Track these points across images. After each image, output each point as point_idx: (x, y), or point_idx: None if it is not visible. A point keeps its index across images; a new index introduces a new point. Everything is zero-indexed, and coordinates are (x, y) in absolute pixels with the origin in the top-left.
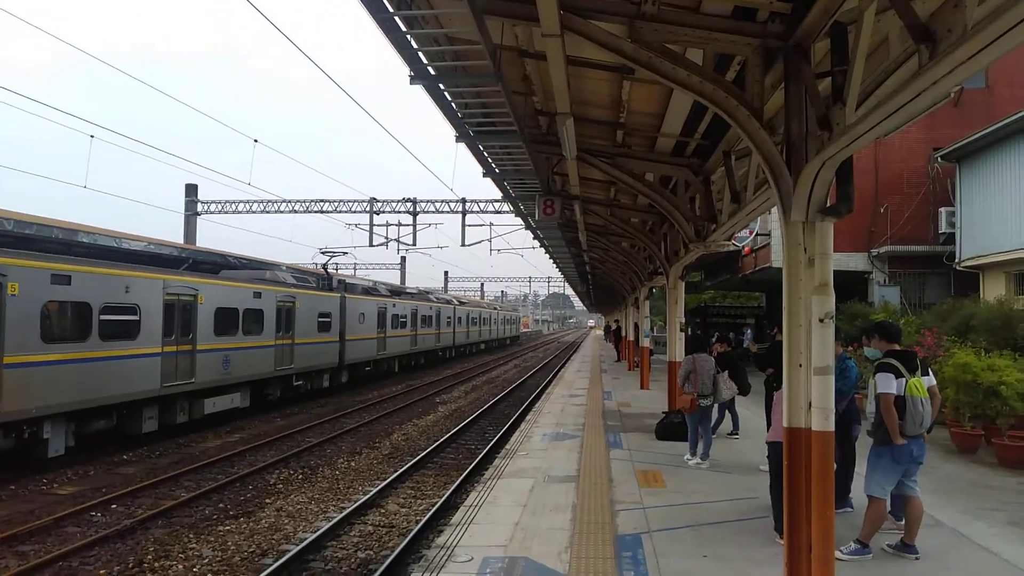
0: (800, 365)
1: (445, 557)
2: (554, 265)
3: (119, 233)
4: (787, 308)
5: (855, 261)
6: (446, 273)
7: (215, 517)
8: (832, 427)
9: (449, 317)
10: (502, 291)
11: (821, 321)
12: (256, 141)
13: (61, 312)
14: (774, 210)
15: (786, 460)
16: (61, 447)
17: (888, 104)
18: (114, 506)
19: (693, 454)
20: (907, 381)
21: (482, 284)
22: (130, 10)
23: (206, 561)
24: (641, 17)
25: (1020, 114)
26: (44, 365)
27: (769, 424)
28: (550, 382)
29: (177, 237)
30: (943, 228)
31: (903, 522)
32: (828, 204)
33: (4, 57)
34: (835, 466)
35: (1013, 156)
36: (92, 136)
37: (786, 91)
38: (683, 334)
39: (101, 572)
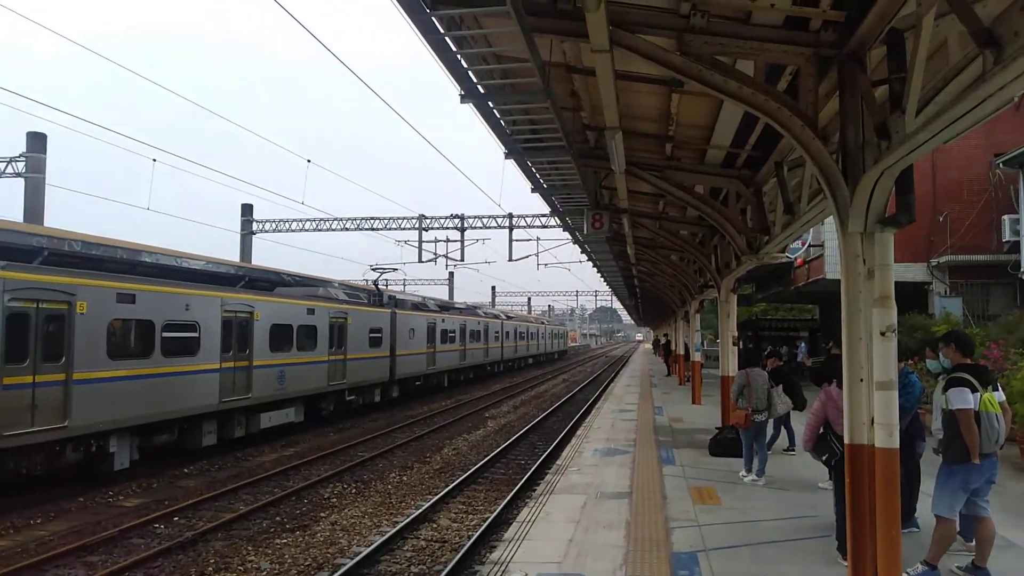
0: (861, 380)
1: (499, 573)
2: (601, 279)
3: (179, 252)
4: (846, 321)
5: (913, 272)
6: (493, 288)
7: (272, 530)
8: (896, 444)
9: (497, 332)
10: (549, 305)
11: (883, 334)
12: (309, 161)
13: (126, 329)
14: (827, 221)
15: (848, 478)
16: (126, 460)
17: (950, 111)
18: (176, 518)
19: (748, 471)
20: (981, 396)
21: (529, 298)
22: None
23: (264, 573)
24: (690, 30)
25: None
26: (110, 381)
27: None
28: (599, 397)
29: (234, 255)
30: (1007, 236)
31: (973, 543)
32: (887, 214)
33: (80, 92)
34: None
35: None
36: (155, 160)
37: (841, 100)
38: (736, 348)
39: None
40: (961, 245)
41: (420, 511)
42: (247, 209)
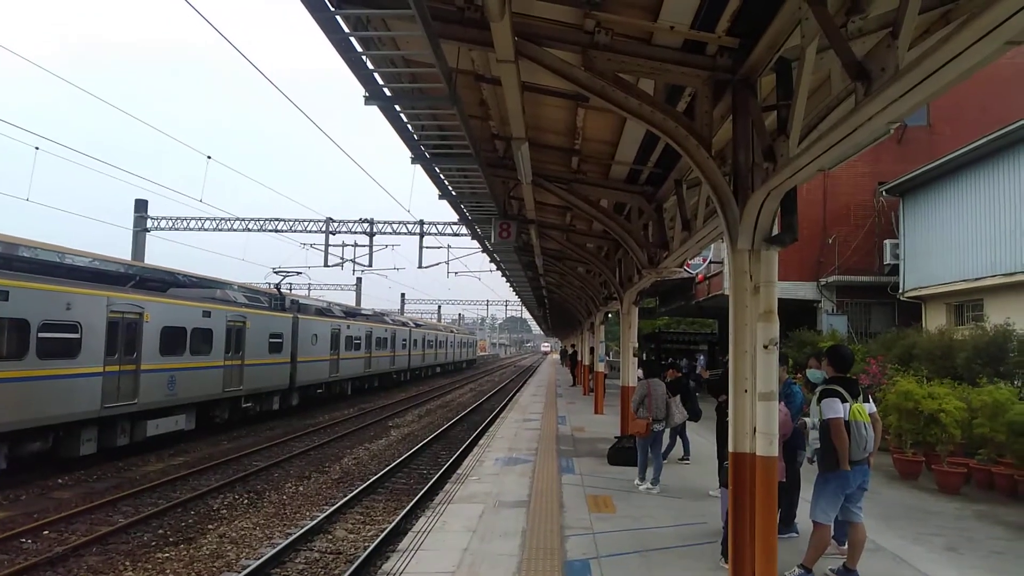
0: (745, 391)
1: None
2: (511, 289)
3: (63, 248)
4: (734, 335)
5: (804, 290)
6: (403, 295)
7: (153, 544)
8: (776, 452)
9: (404, 339)
10: (459, 314)
11: (765, 347)
12: (209, 157)
13: None
14: (724, 237)
15: (731, 485)
16: None
17: (828, 137)
18: (46, 532)
19: (642, 479)
20: (850, 406)
21: (439, 307)
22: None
23: None
24: (594, 46)
25: (959, 151)
26: None
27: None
28: (505, 406)
29: (125, 254)
30: (888, 259)
31: (845, 547)
32: (773, 233)
33: None
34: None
35: (953, 191)
36: (37, 148)
37: (734, 123)
38: (636, 359)
39: None
40: (848, 266)
41: (315, 522)
42: (141, 205)
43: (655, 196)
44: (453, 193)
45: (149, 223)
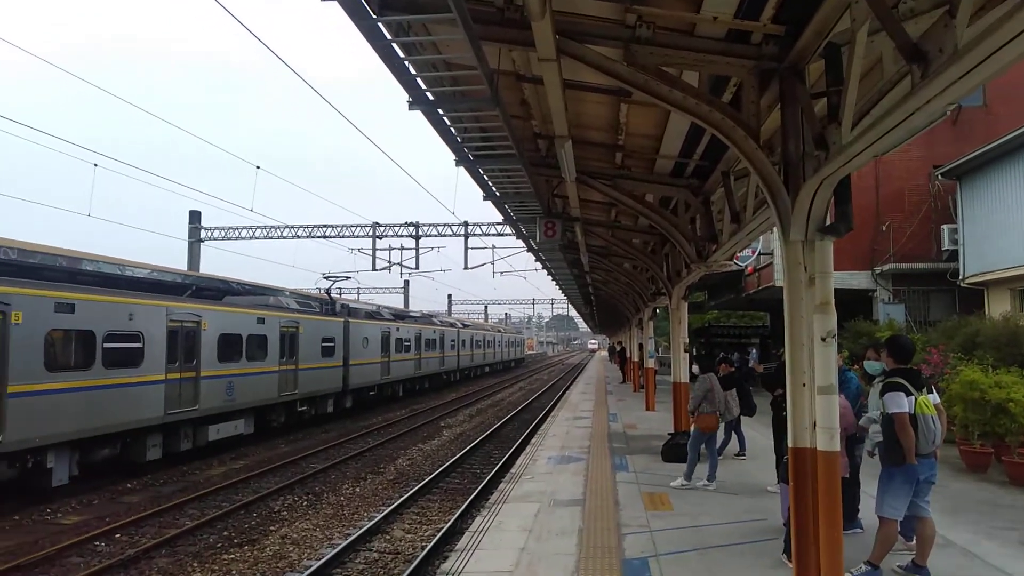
0: (804, 384)
1: None
2: (557, 287)
3: (123, 261)
4: (789, 327)
5: (858, 279)
6: (449, 296)
7: (219, 545)
8: (838, 447)
9: (453, 340)
10: (506, 313)
11: (823, 340)
12: (259, 168)
13: (65, 340)
14: (776, 229)
15: (792, 481)
16: (65, 476)
17: (883, 123)
18: (118, 535)
19: (688, 479)
20: (916, 399)
21: (486, 307)
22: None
23: None
24: (636, 41)
25: (1018, 131)
26: (48, 394)
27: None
28: (555, 404)
29: (181, 264)
30: (946, 245)
31: (914, 542)
32: (827, 223)
33: (9, 89)
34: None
35: (1013, 173)
36: (96, 165)
37: (782, 112)
38: (687, 355)
39: None
40: (903, 254)
41: (373, 523)
42: (195, 216)
43: (702, 189)
44: (497, 194)
45: (203, 233)
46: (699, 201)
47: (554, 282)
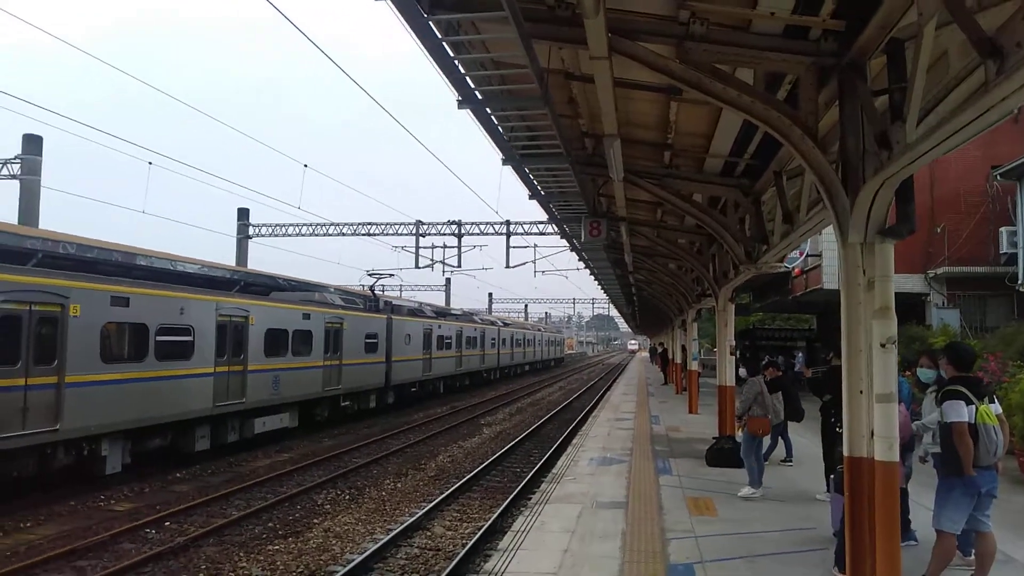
0: (861, 392)
1: None
2: (599, 287)
3: (175, 256)
4: (846, 333)
5: (911, 283)
6: (490, 295)
7: (264, 536)
8: (896, 457)
9: (493, 338)
10: (546, 312)
11: (883, 346)
12: (306, 166)
13: (120, 333)
14: (826, 231)
15: (847, 491)
16: (118, 464)
17: (952, 122)
18: (168, 523)
19: (757, 485)
20: (977, 408)
21: (526, 305)
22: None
23: None
24: (689, 37)
25: None
26: (103, 384)
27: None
28: (596, 405)
29: (230, 260)
30: (1004, 248)
31: (972, 558)
32: (887, 225)
33: (70, 90)
34: None
35: None
36: (151, 163)
37: (841, 109)
38: (733, 358)
39: None
40: (958, 257)
41: (414, 518)
42: (243, 213)
43: (752, 189)
44: (542, 193)
45: (251, 230)
46: (749, 201)
47: (596, 282)
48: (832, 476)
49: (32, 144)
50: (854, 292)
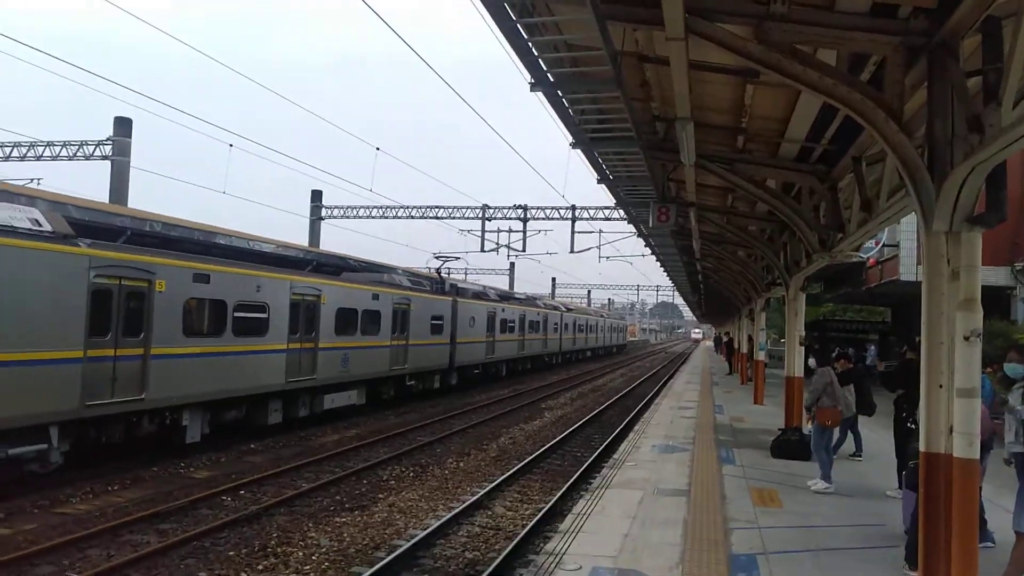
0: (941, 386)
1: (554, 564)
2: (664, 273)
3: (251, 236)
4: (927, 324)
5: (996, 275)
6: (554, 279)
7: (332, 508)
8: (977, 454)
9: (556, 323)
10: (609, 299)
11: (966, 339)
12: (378, 149)
13: (200, 308)
14: (904, 220)
15: (922, 488)
16: (198, 435)
17: None
18: (242, 492)
19: (828, 481)
20: None
21: (589, 291)
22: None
23: (323, 550)
24: (770, 18)
25: None
26: (185, 358)
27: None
28: (658, 392)
29: (303, 240)
30: None
31: None
32: (976, 212)
33: (151, 66)
34: None
35: None
36: (231, 145)
37: (929, 91)
38: (803, 348)
39: (230, 553)
40: None
41: (476, 498)
42: (317, 195)
43: (829, 175)
44: (611, 177)
45: (323, 211)
46: (825, 188)
47: (661, 268)
48: (904, 472)
49: (122, 126)
50: (937, 282)
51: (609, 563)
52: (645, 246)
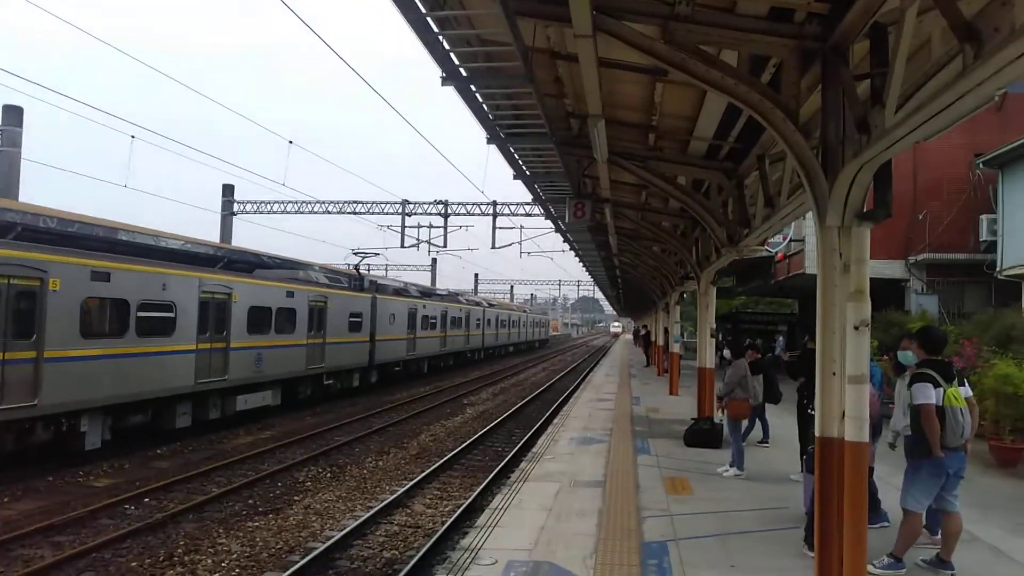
0: (834, 373)
1: (469, 560)
2: (584, 269)
3: (157, 232)
4: (821, 315)
5: (892, 269)
6: (476, 275)
7: (244, 513)
8: (866, 438)
9: (479, 319)
10: (532, 294)
11: (856, 328)
12: (291, 142)
13: (100, 308)
14: (808, 216)
15: (817, 471)
16: (98, 440)
17: (929, 106)
18: (147, 500)
19: (740, 468)
20: (945, 391)
21: (512, 287)
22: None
23: (234, 556)
24: (675, 18)
25: None
26: (82, 360)
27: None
28: (578, 386)
29: (213, 236)
30: (984, 236)
31: (939, 537)
32: (865, 209)
33: (44, 57)
34: None
35: None
36: (133, 137)
37: (823, 93)
38: (714, 340)
39: (132, 564)
40: (939, 244)
41: (394, 496)
42: (228, 190)
43: (736, 172)
44: (527, 173)
45: (235, 207)
46: (732, 184)
47: (581, 264)
48: (804, 456)
49: (12, 115)
50: (830, 275)
51: (524, 556)
52: (564, 242)
